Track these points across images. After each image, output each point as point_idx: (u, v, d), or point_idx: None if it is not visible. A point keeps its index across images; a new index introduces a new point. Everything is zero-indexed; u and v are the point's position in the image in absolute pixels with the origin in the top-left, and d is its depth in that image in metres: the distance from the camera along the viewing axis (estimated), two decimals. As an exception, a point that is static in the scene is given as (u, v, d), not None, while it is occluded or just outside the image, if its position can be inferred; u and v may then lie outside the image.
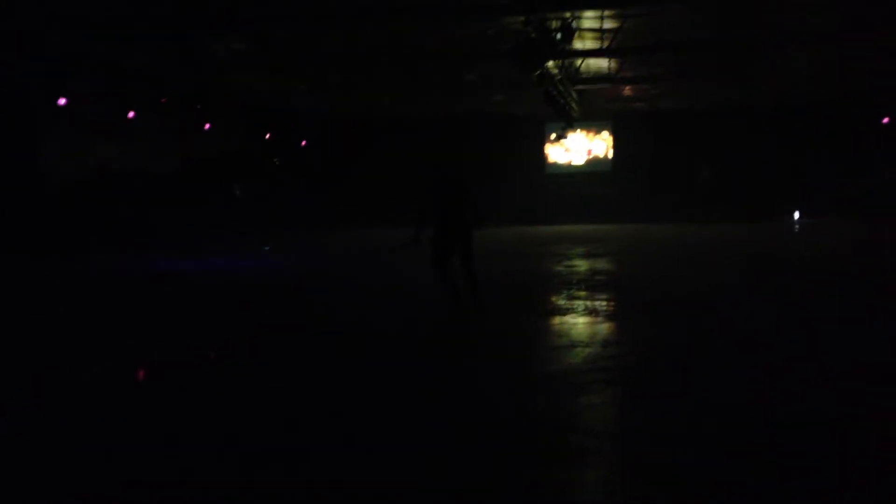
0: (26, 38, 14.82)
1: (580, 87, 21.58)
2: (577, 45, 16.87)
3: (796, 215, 27.80)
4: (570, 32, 14.36)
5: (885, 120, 26.34)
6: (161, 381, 6.34)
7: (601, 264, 14.27)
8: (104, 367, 6.71)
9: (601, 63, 19.82)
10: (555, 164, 30.26)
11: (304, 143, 28.29)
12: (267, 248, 17.47)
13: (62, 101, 17.35)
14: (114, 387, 6.04)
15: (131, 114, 19.57)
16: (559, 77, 18.91)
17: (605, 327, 8.05)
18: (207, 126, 22.76)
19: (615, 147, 29.68)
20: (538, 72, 16.07)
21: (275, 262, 15.90)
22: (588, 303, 9.50)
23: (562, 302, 9.68)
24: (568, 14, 14.30)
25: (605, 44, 17.14)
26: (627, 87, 23.01)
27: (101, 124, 19.31)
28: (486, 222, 8.47)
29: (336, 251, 18.97)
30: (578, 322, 8.23)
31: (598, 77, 21.14)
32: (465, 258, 8.44)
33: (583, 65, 19.79)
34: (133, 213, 20.16)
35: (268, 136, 26.26)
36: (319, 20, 14.45)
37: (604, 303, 9.59)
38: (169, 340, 7.94)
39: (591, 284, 11.29)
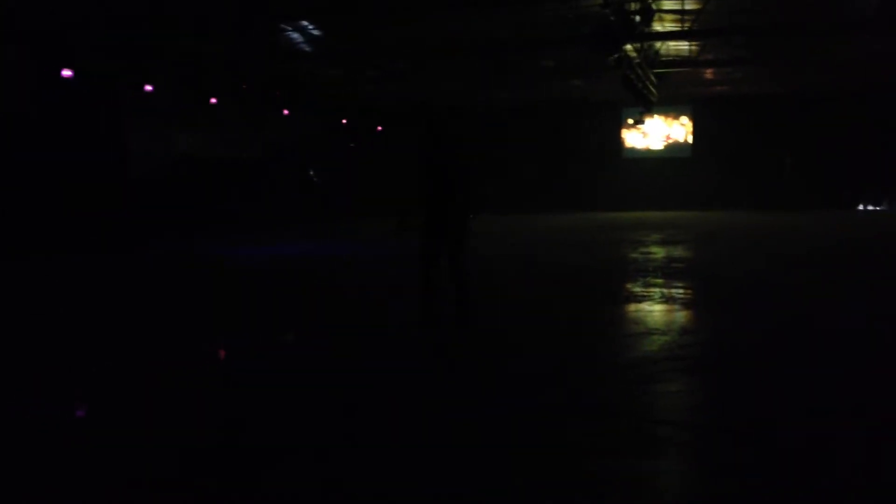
0: (111, 30, 15.31)
1: (659, 70, 21.14)
2: (657, 27, 16.52)
3: (883, 204, 26.72)
4: (649, 14, 14.08)
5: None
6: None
7: (678, 252, 13.99)
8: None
9: (681, 46, 19.39)
10: (632, 150, 29.79)
11: (379, 128, 28.52)
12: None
13: (148, 88, 17.88)
14: (123, 384, 6.20)
15: (213, 100, 20.02)
16: (637, 61, 18.56)
17: (682, 316, 7.89)
18: (286, 112, 23.13)
19: (695, 132, 29.04)
20: (616, 55, 15.81)
21: (383, 249, 16.09)
22: (665, 290, 9.33)
23: (638, 289, 9.52)
24: (648, -4, 14.03)
25: (686, 26, 16.74)
26: (708, 71, 22.46)
27: (184, 113, 19.81)
28: (475, 214, 6.98)
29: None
30: (655, 310, 8.09)
31: (678, 60, 20.69)
32: (453, 257, 6.85)
33: (662, 48, 19.38)
34: (216, 199, 20.64)
35: (343, 121, 26.55)
36: (395, 9, 14.49)
37: (681, 291, 9.40)
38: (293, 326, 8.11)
39: (668, 272, 11.09)
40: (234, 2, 13.78)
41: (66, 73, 15.67)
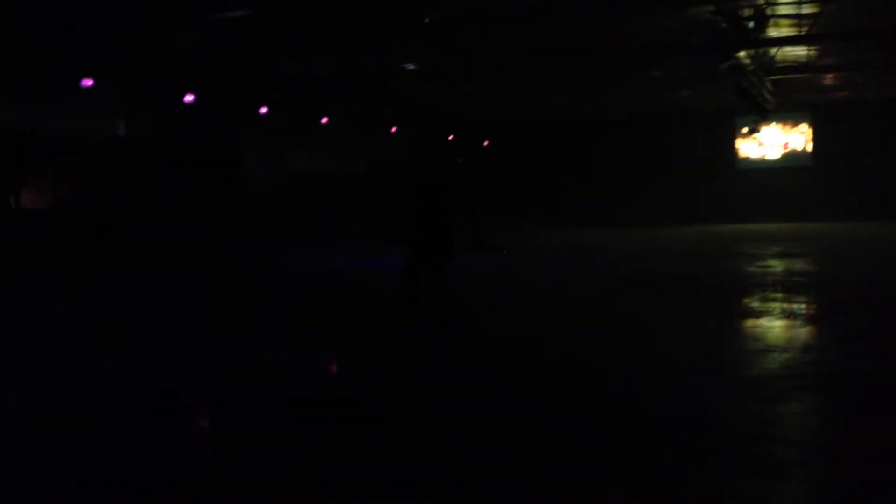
0: (226, 56, 16.03)
1: (775, 77, 20.38)
2: (772, 32, 15.95)
3: None
4: (763, 20, 13.61)
5: None
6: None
7: (799, 265, 13.42)
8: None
9: (798, 51, 18.63)
10: (747, 160, 28.83)
11: (486, 143, 28.64)
12: (505, 251, 17.37)
13: (263, 111, 18.58)
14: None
15: (324, 120, 20.58)
16: (751, 68, 17.96)
17: (804, 332, 7.55)
18: (394, 129, 23.52)
19: (815, 140, 27.86)
20: (728, 63, 15.35)
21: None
22: (785, 305, 8.95)
23: (755, 304, 9.18)
24: (762, 1, 13.55)
25: (804, 30, 16.08)
26: (829, 76, 21.51)
27: (296, 132, 20.51)
28: (486, 243, 6.17)
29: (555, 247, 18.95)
30: (774, 325, 7.77)
31: (796, 66, 19.89)
32: (433, 279, 6.09)
33: (778, 53, 18.69)
34: (327, 213, 21.22)
35: (450, 137, 26.77)
36: (498, 22, 14.52)
37: (802, 306, 9.00)
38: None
39: (788, 286, 10.63)
40: (344, 26, 14.12)
41: (189, 97, 16.44)
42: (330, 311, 9.91)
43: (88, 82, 14.23)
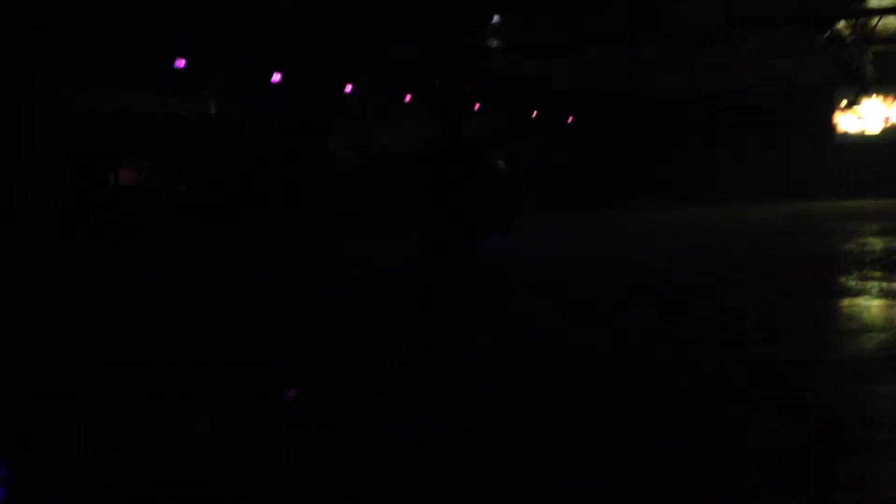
0: (314, 35, 16.24)
1: (877, 48, 19.46)
2: (873, 2, 15.22)
3: None
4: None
5: None
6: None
7: (899, 243, 12.84)
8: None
9: (903, 20, 17.73)
10: (845, 135, 27.66)
11: (570, 119, 28.30)
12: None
13: (348, 89, 18.82)
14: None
15: (408, 98, 20.69)
16: (852, 38, 17.19)
17: (903, 312, 7.23)
18: (477, 107, 23.45)
19: (920, 113, 26.53)
20: (827, 34, 14.73)
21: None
22: (884, 284, 8.58)
23: (852, 283, 8.83)
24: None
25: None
26: (935, 46, 20.42)
27: (379, 111, 20.67)
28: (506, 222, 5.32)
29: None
30: (872, 305, 7.46)
31: (899, 36, 18.94)
32: (457, 285, 5.34)
33: (880, 24, 17.82)
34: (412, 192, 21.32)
35: (534, 114, 26.56)
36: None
37: (902, 285, 8.62)
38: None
39: (888, 264, 10.19)
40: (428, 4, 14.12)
41: (276, 77, 16.75)
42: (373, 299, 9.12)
43: (181, 63, 14.67)
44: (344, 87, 18.83)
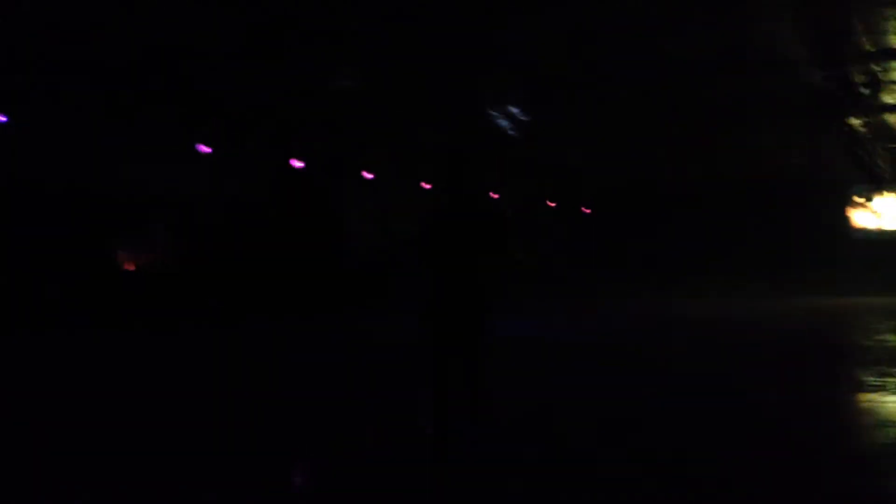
0: (334, 124, 16.79)
1: (892, 144, 19.66)
2: (887, 98, 15.46)
3: None
4: (878, 85, 13.24)
5: None
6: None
7: (917, 340, 12.67)
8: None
9: (917, 118, 17.95)
10: (861, 230, 27.67)
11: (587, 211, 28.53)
12: None
13: (369, 176, 19.23)
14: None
15: (427, 186, 21.01)
16: (865, 134, 17.41)
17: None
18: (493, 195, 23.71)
19: (935, 211, 26.55)
20: (840, 130, 14.93)
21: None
22: (902, 380, 8.44)
23: (871, 378, 8.70)
24: (877, 66, 13.20)
25: (921, 96, 15.53)
26: (949, 144, 20.58)
27: (397, 196, 21.05)
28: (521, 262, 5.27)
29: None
30: (889, 401, 7.33)
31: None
32: (467, 353, 5.05)
33: (894, 120, 18.06)
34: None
35: (553, 204, 26.80)
36: (606, 83, 14.58)
37: (920, 381, 8.47)
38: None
39: (906, 361, 10.04)
40: (450, 94, 14.50)
41: (298, 164, 17.16)
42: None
43: (206, 149, 15.05)
44: (361, 172, 19.26)
